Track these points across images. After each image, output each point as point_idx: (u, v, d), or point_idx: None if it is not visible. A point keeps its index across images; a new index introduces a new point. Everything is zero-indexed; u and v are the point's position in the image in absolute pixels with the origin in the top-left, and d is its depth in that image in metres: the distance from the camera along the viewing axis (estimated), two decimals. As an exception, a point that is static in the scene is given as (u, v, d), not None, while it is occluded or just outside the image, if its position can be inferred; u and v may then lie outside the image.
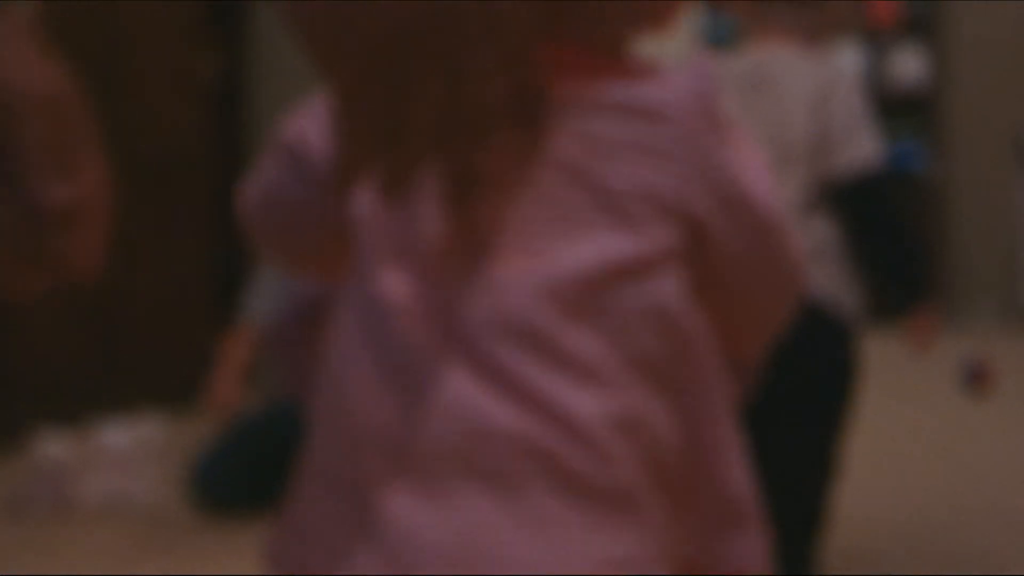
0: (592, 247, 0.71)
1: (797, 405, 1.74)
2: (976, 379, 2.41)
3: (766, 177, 0.79)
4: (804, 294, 0.89)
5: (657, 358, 0.72)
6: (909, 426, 3.59)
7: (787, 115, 1.74)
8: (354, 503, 0.71)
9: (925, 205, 6.67)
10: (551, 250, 0.71)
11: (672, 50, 7.31)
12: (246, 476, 2.49)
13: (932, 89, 6.83)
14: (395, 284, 0.72)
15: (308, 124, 0.80)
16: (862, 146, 1.73)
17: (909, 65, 6.97)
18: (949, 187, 6.89)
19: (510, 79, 0.68)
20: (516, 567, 0.67)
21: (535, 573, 0.67)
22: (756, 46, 1.83)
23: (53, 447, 2.78)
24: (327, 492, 0.73)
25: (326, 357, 0.76)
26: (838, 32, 1.88)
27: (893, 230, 1.76)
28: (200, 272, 4.66)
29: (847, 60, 7.07)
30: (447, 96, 0.68)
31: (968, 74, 6.96)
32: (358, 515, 0.70)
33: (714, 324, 0.77)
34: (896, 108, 6.96)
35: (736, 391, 0.82)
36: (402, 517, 0.68)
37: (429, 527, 0.68)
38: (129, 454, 2.81)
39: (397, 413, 0.70)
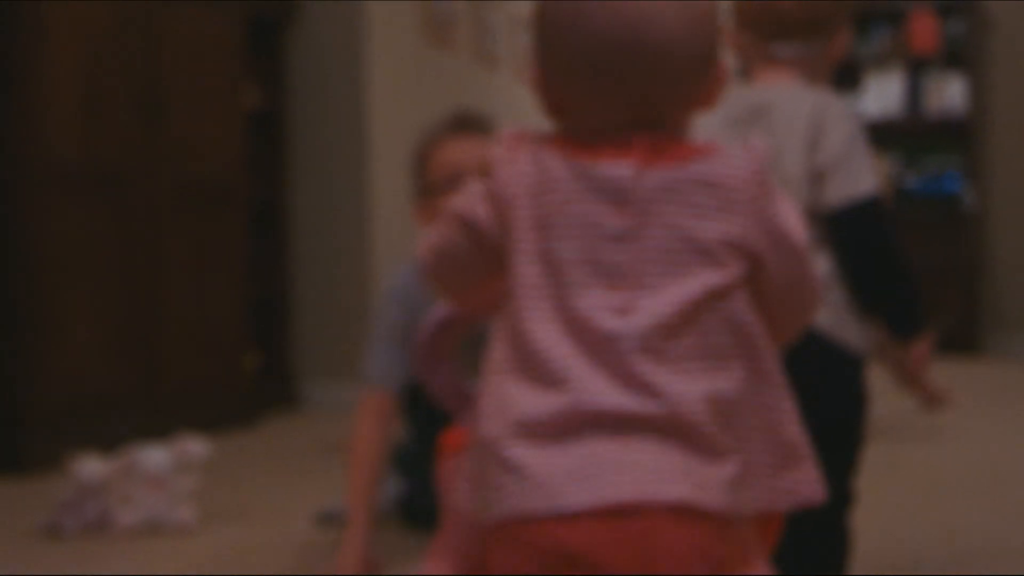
0: (692, 281, 1.03)
1: (809, 433, 1.75)
2: None
3: (799, 221, 1.11)
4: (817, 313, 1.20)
5: (732, 350, 1.04)
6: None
7: (783, 148, 1.74)
8: (502, 460, 1.00)
9: (965, 230, 6.65)
10: (663, 285, 1.03)
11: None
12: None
13: (971, 118, 6.82)
14: (541, 317, 1.04)
15: (475, 200, 1.11)
16: (853, 177, 1.72)
17: (949, 94, 6.96)
18: (987, 213, 6.87)
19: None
20: (628, 467, 0.97)
21: (643, 472, 0.97)
22: (759, 80, 1.85)
23: (92, 468, 2.83)
24: (484, 456, 1.03)
25: (488, 368, 1.07)
26: (836, 65, 1.89)
27: (883, 262, 1.74)
28: (238, 299, 4.71)
29: (889, 89, 7.07)
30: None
31: (1007, 103, 6.93)
32: (504, 466, 1.00)
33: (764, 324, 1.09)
34: (936, 136, 6.95)
35: None
36: (539, 461, 0.98)
37: (559, 461, 0.98)
38: (167, 474, 2.85)
39: (541, 402, 1.00)
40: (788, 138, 1.75)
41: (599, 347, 1.01)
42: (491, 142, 1.13)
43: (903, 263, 1.75)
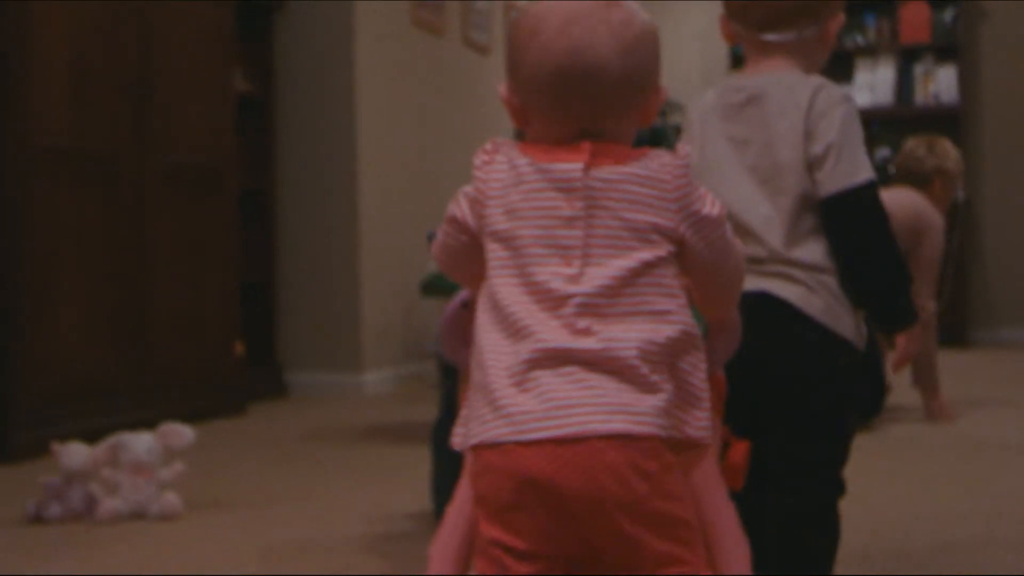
0: (630, 257, 1.29)
1: (801, 420, 1.75)
2: None
3: (718, 204, 1.36)
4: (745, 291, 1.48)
5: (660, 309, 1.29)
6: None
7: (775, 136, 1.74)
8: (486, 400, 1.28)
9: (955, 221, 6.65)
10: (607, 260, 1.29)
11: (713, 65, 7.33)
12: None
13: (962, 108, 6.82)
14: (510, 285, 1.32)
15: (463, 204, 1.38)
16: (850, 164, 1.71)
17: (940, 85, 6.96)
18: (978, 204, 6.87)
19: None
20: (577, 406, 1.23)
21: (588, 409, 1.23)
22: (753, 67, 1.85)
23: (77, 454, 2.82)
24: (475, 397, 1.31)
25: (475, 327, 1.35)
26: (831, 50, 1.88)
27: (877, 251, 1.73)
28: (226, 286, 4.69)
29: (880, 79, 7.06)
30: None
31: (998, 94, 6.94)
32: (488, 405, 1.28)
33: (695, 295, 1.39)
34: (926, 126, 6.95)
35: (731, 344, 1.50)
36: (512, 402, 1.25)
37: (526, 403, 1.25)
38: (152, 461, 2.84)
39: (511, 351, 1.27)
40: (782, 126, 1.74)
41: (554, 306, 1.28)
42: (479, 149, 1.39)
43: (897, 253, 1.74)
